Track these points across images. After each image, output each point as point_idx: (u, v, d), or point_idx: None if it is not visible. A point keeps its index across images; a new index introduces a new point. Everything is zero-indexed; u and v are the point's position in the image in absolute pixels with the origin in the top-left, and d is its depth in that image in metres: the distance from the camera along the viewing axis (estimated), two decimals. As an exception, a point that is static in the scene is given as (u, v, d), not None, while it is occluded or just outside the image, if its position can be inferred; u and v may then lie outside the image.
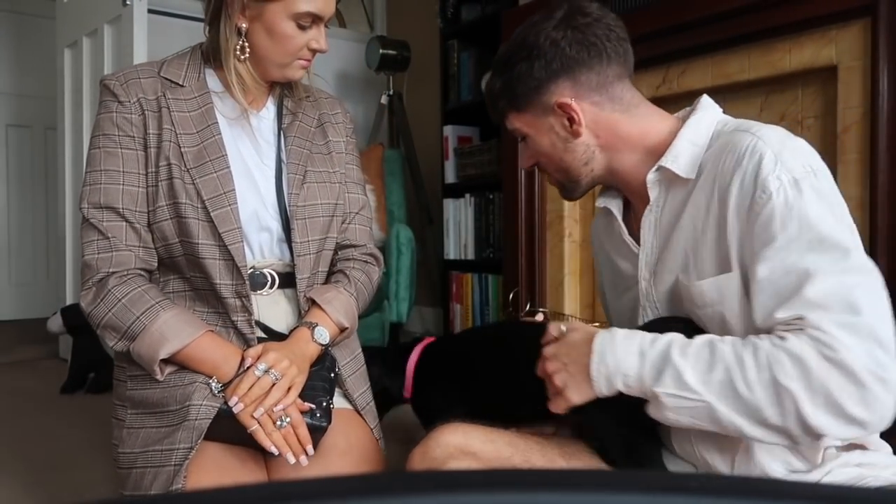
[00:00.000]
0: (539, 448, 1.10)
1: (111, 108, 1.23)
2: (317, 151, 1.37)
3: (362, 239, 1.43)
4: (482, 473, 0.27)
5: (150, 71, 1.28)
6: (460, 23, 3.40)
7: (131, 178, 1.22)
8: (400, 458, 1.22)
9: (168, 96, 1.25)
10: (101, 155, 1.23)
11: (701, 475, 0.83)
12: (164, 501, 0.26)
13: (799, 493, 0.26)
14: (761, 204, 0.90)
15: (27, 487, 1.75)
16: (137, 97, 1.24)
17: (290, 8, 1.21)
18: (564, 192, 1.17)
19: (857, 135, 1.71)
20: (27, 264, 4.67)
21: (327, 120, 1.43)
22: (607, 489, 0.25)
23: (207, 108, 1.28)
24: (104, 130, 1.23)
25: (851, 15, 1.71)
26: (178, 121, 1.24)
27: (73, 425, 2.27)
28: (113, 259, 1.20)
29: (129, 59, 2.66)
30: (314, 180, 1.34)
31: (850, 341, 0.81)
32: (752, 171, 0.92)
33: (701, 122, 1.04)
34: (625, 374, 0.93)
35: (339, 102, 1.49)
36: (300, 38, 1.24)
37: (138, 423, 1.19)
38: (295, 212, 1.29)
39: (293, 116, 1.37)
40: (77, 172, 3.11)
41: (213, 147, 1.25)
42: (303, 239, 1.30)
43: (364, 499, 0.24)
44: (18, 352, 3.53)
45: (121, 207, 1.21)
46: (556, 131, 1.09)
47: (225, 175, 1.24)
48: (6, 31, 4.57)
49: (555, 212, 2.65)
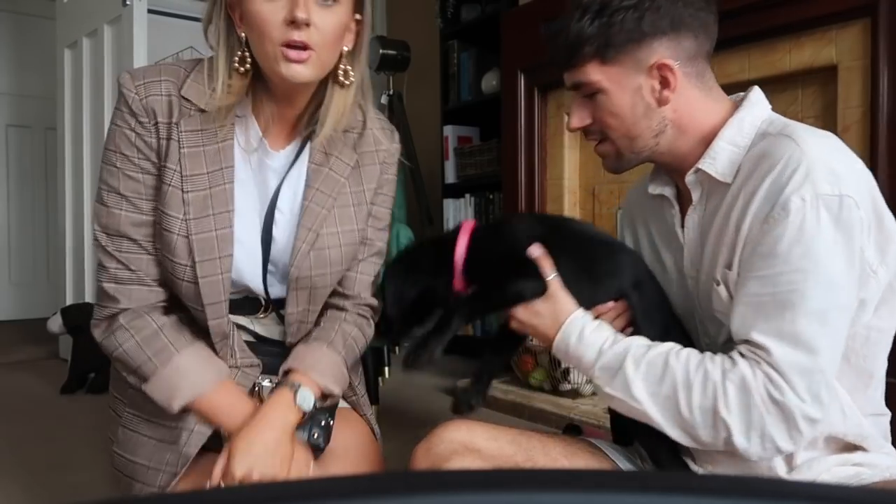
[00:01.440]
0: (542, 446, 1.10)
1: (129, 125, 1.08)
2: (342, 205, 1.18)
3: (361, 289, 1.25)
4: (481, 474, 0.27)
5: (172, 86, 1.09)
6: (460, 23, 3.41)
7: (150, 205, 1.10)
8: (400, 457, 1.22)
9: (182, 128, 1.07)
10: (119, 176, 1.09)
11: (701, 475, 0.84)
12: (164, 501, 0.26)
13: (799, 493, 0.26)
14: (777, 220, 0.88)
15: (27, 487, 1.75)
16: (156, 120, 1.08)
17: None
18: (616, 161, 1.06)
19: (857, 135, 1.71)
20: (27, 264, 4.67)
21: (368, 161, 1.21)
22: (607, 489, 0.26)
23: (226, 144, 1.10)
24: (121, 149, 1.09)
25: (851, 15, 1.71)
26: (187, 158, 1.07)
27: (73, 425, 2.27)
28: (133, 294, 1.10)
29: (128, 58, 2.66)
30: (326, 244, 1.16)
31: (800, 386, 0.86)
32: (780, 183, 0.89)
33: (744, 121, 0.99)
34: (578, 361, 1.00)
35: (389, 134, 1.25)
36: (272, 11, 1.00)
37: (132, 425, 1.16)
38: (295, 282, 1.15)
39: (323, 159, 1.16)
40: (77, 172, 3.11)
41: (220, 198, 1.09)
42: (297, 308, 1.18)
43: (364, 499, 0.24)
44: (18, 352, 3.53)
45: (140, 238, 1.10)
46: (643, 94, 0.99)
47: (225, 236, 1.09)
48: (6, 31, 4.57)
49: (555, 211, 2.65)
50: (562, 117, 2.62)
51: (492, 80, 3.22)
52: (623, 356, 0.95)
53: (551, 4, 2.58)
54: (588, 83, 1.00)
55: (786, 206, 0.87)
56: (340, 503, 0.24)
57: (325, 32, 1.03)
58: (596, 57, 0.98)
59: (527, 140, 2.69)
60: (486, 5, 3.27)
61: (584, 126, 1.04)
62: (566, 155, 2.62)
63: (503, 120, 2.79)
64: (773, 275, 0.88)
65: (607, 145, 1.04)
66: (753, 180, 0.93)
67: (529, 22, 2.63)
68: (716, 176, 0.98)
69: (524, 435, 1.11)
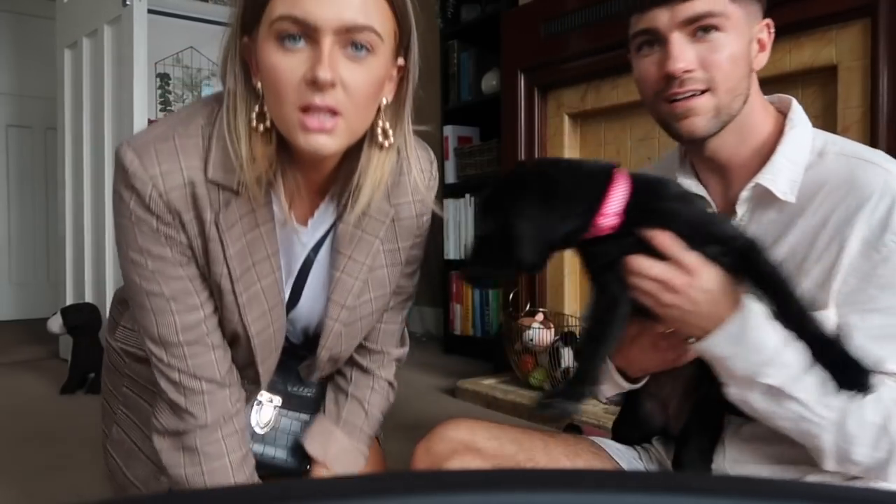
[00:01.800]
0: (543, 446, 1.10)
1: (150, 225, 0.88)
2: (377, 267, 1.02)
3: (386, 342, 1.13)
4: (481, 474, 0.27)
5: (195, 171, 0.88)
6: (460, 23, 3.41)
7: (206, 294, 0.94)
8: (400, 457, 1.22)
9: (222, 225, 0.89)
10: (157, 279, 0.90)
11: (701, 475, 0.83)
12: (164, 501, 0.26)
13: (799, 493, 0.26)
14: (890, 248, 0.86)
15: (27, 487, 1.75)
16: (181, 220, 0.89)
17: (268, 19, 0.82)
18: (713, 119, 0.93)
19: (857, 135, 1.71)
20: (27, 264, 4.68)
21: (405, 213, 1.03)
22: (607, 489, 0.26)
23: (268, 229, 0.93)
24: (150, 251, 0.89)
25: (851, 15, 1.71)
26: (234, 259, 0.91)
27: (73, 425, 2.27)
28: (208, 405, 0.96)
29: (128, 59, 2.66)
30: (359, 315, 1.04)
31: None
32: (883, 210, 0.86)
33: (799, 139, 0.95)
34: (755, 349, 0.84)
35: (427, 177, 1.05)
36: (288, 65, 0.81)
37: (126, 425, 1.11)
38: (322, 354, 1.06)
39: (356, 219, 0.98)
40: (77, 172, 3.11)
41: (272, 291, 0.96)
42: (320, 373, 1.11)
43: (364, 499, 0.24)
44: (18, 352, 3.53)
45: (203, 335, 0.94)
46: (750, 47, 0.94)
47: (280, 328, 1.00)
48: (6, 31, 4.57)
49: (555, 212, 2.65)
50: (562, 117, 2.62)
51: (492, 80, 3.22)
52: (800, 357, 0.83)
53: (551, 4, 2.59)
54: (716, 13, 0.90)
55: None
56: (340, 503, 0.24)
57: (356, 93, 0.83)
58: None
59: (527, 140, 2.70)
60: (486, 5, 3.27)
61: (689, 70, 0.90)
62: (566, 155, 2.62)
63: (503, 120, 2.79)
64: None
65: (706, 98, 0.92)
66: (844, 210, 0.89)
67: (529, 22, 2.63)
68: (777, 194, 0.93)
69: (525, 434, 1.11)
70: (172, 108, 3.73)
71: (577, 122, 2.61)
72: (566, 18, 2.49)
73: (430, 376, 2.85)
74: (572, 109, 2.58)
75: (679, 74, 0.91)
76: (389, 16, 0.86)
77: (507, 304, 2.72)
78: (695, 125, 0.93)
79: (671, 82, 0.92)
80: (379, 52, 0.85)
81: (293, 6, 0.80)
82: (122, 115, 2.77)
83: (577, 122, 2.61)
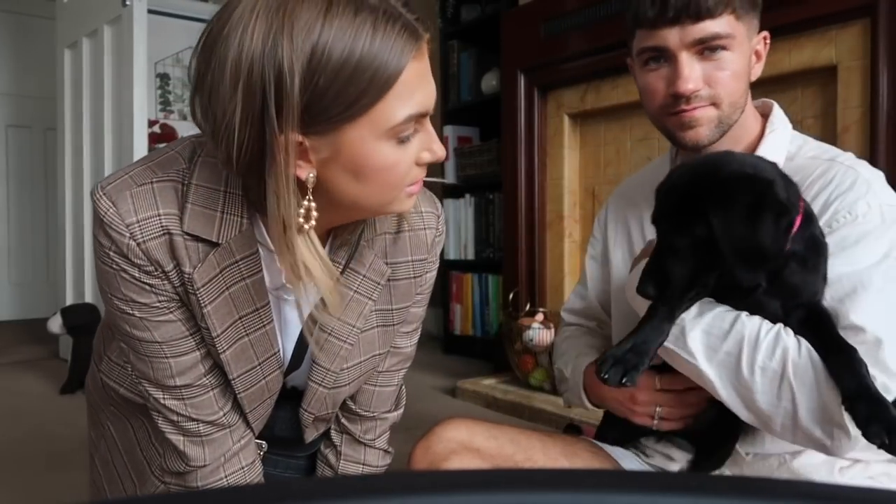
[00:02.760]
0: (541, 446, 1.10)
1: (131, 275, 0.82)
2: (367, 328, 0.95)
3: (379, 405, 1.06)
4: (481, 474, 0.27)
5: (172, 219, 0.81)
6: (460, 23, 3.41)
7: (199, 336, 0.88)
8: (399, 458, 1.22)
9: (197, 282, 0.82)
10: (146, 325, 0.85)
11: (701, 475, 0.83)
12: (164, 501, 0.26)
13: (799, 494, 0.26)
14: (842, 223, 0.89)
15: (27, 487, 1.75)
16: (162, 269, 0.83)
17: (383, 121, 0.73)
18: (715, 129, 0.97)
19: (856, 134, 1.71)
20: (27, 264, 4.68)
21: (403, 274, 0.96)
22: (607, 489, 0.26)
23: (255, 280, 0.86)
24: (134, 298, 0.84)
25: (851, 15, 1.71)
26: (213, 316, 0.85)
27: (73, 425, 2.27)
28: (207, 446, 0.92)
29: (128, 59, 2.66)
30: (346, 380, 0.97)
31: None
32: (839, 192, 0.91)
33: (778, 142, 1.00)
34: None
35: (431, 235, 0.98)
36: (405, 158, 0.76)
37: (112, 443, 1.05)
38: (305, 417, 1.00)
39: (345, 291, 0.91)
40: (77, 172, 3.12)
41: (262, 343, 0.90)
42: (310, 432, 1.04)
43: (364, 499, 0.24)
44: (18, 352, 3.53)
45: (199, 376, 0.90)
46: (751, 58, 0.99)
47: (274, 379, 0.93)
48: (6, 31, 4.57)
49: (555, 212, 2.65)
50: (562, 117, 2.62)
51: (492, 80, 3.22)
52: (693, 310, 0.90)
53: (551, 4, 2.59)
54: (724, 35, 0.94)
55: (852, 210, 0.89)
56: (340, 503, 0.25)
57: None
58: (732, 9, 0.94)
59: (527, 140, 2.70)
60: (486, 5, 3.27)
61: (699, 88, 0.95)
62: (566, 155, 2.62)
63: (503, 120, 2.79)
64: (843, 263, 0.88)
65: (710, 110, 0.96)
66: (808, 195, 0.93)
67: (529, 22, 2.63)
68: None
69: (524, 434, 1.11)
70: (172, 109, 3.73)
71: (577, 122, 2.62)
72: (566, 18, 2.50)
73: (430, 376, 2.85)
74: (572, 109, 2.58)
75: (688, 94, 0.95)
76: None
77: (507, 304, 2.72)
78: (699, 135, 0.97)
79: (678, 100, 0.96)
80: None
81: (413, 104, 0.74)
82: (122, 115, 2.77)
83: (577, 122, 2.62)
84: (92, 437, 1.10)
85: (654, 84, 0.98)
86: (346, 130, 0.73)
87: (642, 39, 0.98)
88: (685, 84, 0.94)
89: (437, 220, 0.98)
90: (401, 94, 0.72)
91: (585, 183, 2.62)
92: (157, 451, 0.99)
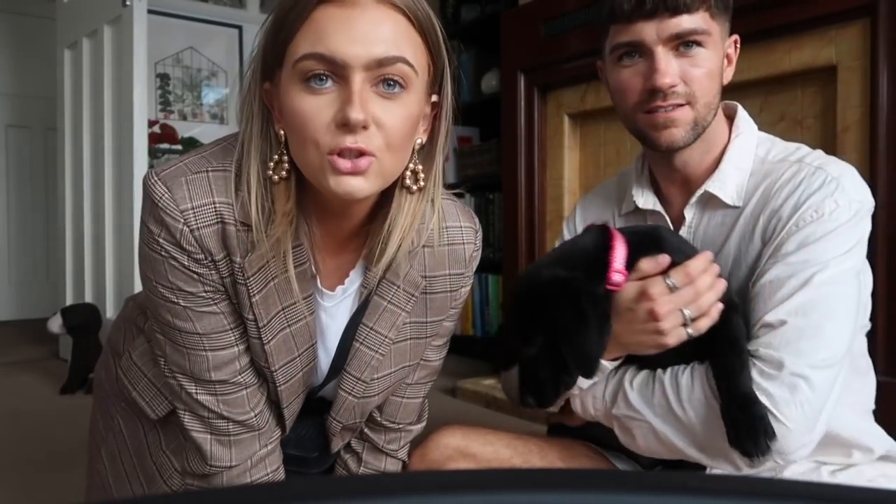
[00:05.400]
0: (538, 450, 1.10)
1: (180, 262, 0.82)
2: (399, 339, 0.95)
3: (405, 417, 1.05)
4: (480, 474, 0.27)
5: (225, 208, 0.82)
6: (460, 23, 3.41)
7: (240, 331, 0.89)
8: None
9: (248, 271, 0.83)
10: (189, 315, 0.85)
11: (701, 475, 0.84)
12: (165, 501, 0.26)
13: (799, 494, 0.26)
14: (808, 221, 0.90)
15: (27, 488, 1.75)
16: (213, 258, 0.83)
17: (291, 58, 0.76)
18: (691, 131, 0.97)
19: (856, 135, 1.71)
20: (27, 264, 4.68)
21: (440, 287, 0.95)
22: (607, 489, 0.26)
23: (300, 271, 0.87)
24: (180, 286, 0.84)
25: (851, 15, 1.71)
26: (260, 306, 0.85)
27: (73, 425, 2.27)
28: (235, 447, 0.92)
29: (128, 59, 2.66)
30: (376, 391, 0.97)
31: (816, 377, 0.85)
32: (808, 193, 0.92)
33: (744, 146, 1.00)
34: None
35: (469, 250, 0.97)
36: (317, 108, 0.75)
37: (121, 440, 1.04)
38: (332, 426, 1.00)
39: (383, 287, 0.92)
40: (77, 172, 3.11)
41: (302, 335, 0.90)
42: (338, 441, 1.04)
43: (364, 499, 0.25)
44: (18, 352, 3.53)
45: (235, 373, 0.89)
46: (723, 58, 1.00)
47: (310, 370, 0.94)
48: (6, 31, 4.57)
49: (555, 212, 2.65)
50: (562, 117, 2.62)
51: (492, 80, 3.22)
52: (621, 375, 0.97)
53: (551, 4, 2.59)
54: (700, 31, 0.94)
55: (819, 209, 0.90)
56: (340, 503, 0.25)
57: (391, 133, 0.77)
58: (707, 6, 0.94)
59: (527, 140, 2.69)
60: (486, 5, 3.27)
61: (676, 84, 0.94)
62: (566, 155, 2.62)
63: (503, 120, 2.79)
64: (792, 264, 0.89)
65: (686, 111, 0.95)
66: (775, 200, 0.94)
67: (529, 22, 2.63)
68: (726, 200, 0.98)
69: (520, 439, 1.11)
70: (172, 109, 3.73)
71: (577, 122, 2.61)
72: (566, 18, 2.49)
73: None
74: (572, 109, 2.58)
75: (665, 89, 0.93)
76: (422, 48, 0.79)
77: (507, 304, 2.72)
78: (674, 136, 0.96)
79: (654, 95, 0.95)
80: (413, 87, 0.78)
81: (317, 43, 0.74)
82: (121, 116, 2.77)
83: (577, 122, 2.61)
84: (99, 428, 1.08)
85: (629, 80, 0.97)
86: (280, 76, 0.79)
87: (617, 35, 0.97)
88: (662, 78, 0.93)
89: (476, 236, 0.98)
90: (307, 34, 0.75)
91: (585, 183, 2.62)
92: (168, 459, 0.98)
